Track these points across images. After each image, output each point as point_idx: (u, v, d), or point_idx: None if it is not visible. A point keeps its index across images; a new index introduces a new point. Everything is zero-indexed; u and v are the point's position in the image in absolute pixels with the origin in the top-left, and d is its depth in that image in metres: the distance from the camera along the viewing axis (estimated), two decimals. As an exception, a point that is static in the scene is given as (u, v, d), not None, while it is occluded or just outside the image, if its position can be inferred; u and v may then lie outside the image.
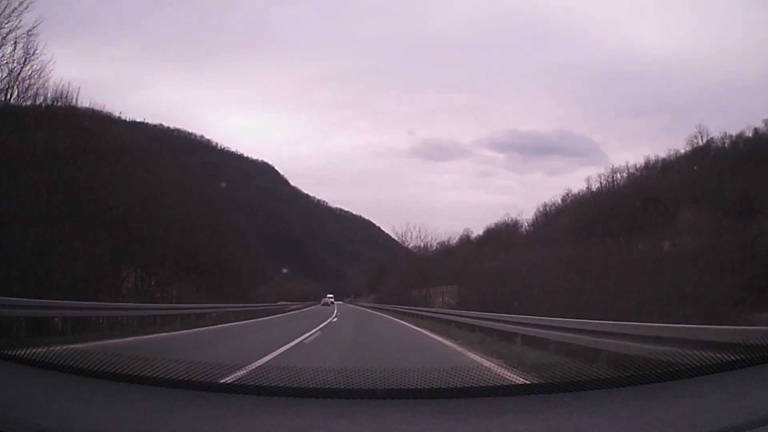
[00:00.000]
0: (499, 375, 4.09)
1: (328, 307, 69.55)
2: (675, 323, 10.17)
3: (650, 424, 2.31)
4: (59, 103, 26.58)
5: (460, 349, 13.64)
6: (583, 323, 10.97)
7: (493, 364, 9.23)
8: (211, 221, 43.67)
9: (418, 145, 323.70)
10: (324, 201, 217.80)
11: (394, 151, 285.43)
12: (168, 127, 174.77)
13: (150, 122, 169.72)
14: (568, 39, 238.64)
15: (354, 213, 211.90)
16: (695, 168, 59.04)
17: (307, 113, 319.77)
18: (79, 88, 28.26)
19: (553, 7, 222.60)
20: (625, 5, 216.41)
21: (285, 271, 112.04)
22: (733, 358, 2.74)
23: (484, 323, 19.44)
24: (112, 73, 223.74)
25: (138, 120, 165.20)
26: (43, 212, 22.02)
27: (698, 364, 2.78)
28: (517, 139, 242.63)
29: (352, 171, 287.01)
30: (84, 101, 29.68)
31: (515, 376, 3.76)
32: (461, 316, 24.60)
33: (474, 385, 2.94)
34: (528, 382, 3.04)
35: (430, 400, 2.76)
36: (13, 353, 3.12)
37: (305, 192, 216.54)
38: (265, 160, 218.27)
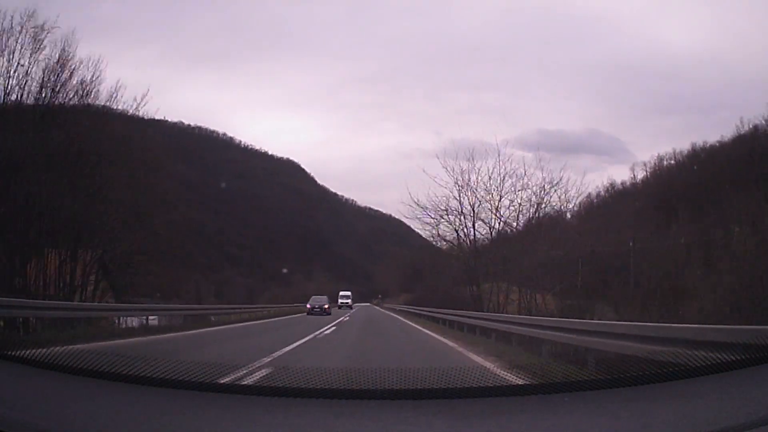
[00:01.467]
0: (498, 375, 4.07)
1: (325, 315, 42.19)
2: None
3: (650, 424, 2.31)
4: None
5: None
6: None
7: (492, 365, 9.00)
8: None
9: (446, 146, 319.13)
10: (353, 200, 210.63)
11: (422, 151, 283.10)
12: (188, 125, 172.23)
13: (169, 119, 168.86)
14: (595, 38, 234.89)
15: (384, 212, 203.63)
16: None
17: (334, 114, 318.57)
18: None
19: (580, 6, 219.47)
20: (651, 2, 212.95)
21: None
22: (733, 358, 2.72)
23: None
24: (137, 75, 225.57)
25: (157, 117, 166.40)
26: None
27: (698, 364, 2.78)
28: (546, 139, 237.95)
29: (380, 172, 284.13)
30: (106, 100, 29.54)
31: (515, 377, 3.73)
32: None
33: (474, 385, 2.94)
34: (528, 383, 3.03)
35: (430, 400, 2.76)
36: (13, 353, 3.15)
37: (333, 191, 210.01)
38: (292, 158, 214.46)
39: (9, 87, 24.39)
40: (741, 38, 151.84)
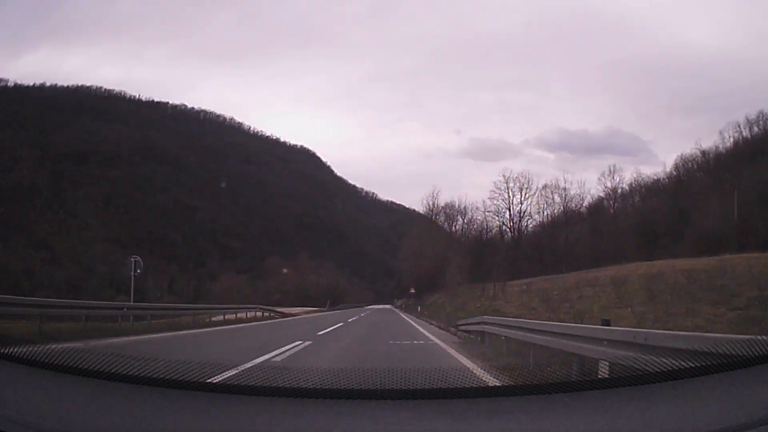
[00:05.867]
0: (498, 376, 4.06)
1: None
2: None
3: (650, 424, 2.31)
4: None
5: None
6: None
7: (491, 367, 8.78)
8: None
9: (467, 146, 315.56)
10: (373, 193, 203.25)
11: (443, 151, 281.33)
12: (192, 108, 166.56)
13: (171, 102, 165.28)
14: (617, 37, 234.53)
15: (407, 206, 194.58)
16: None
17: (356, 113, 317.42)
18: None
19: (603, 4, 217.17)
20: (674, 2, 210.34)
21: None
22: (734, 359, 2.72)
23: None
24: (159, 72, 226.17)
25: (156, 99, 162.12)
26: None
27: (698, 365, 2.77)
28: (567, 138, 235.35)
29: (402, 171, 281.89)
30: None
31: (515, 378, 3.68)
32: None
33: (474, 386, 2.94)
34: (528, 383, 3.03)
35: (430, 401, 2.76)
36: (13, 353, 3.16)
37: (352, 183, 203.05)
38: (306, 146, 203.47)
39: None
40: (764, 36, 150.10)
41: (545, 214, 65.86)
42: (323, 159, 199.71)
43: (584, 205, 67.63)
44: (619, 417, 2.44)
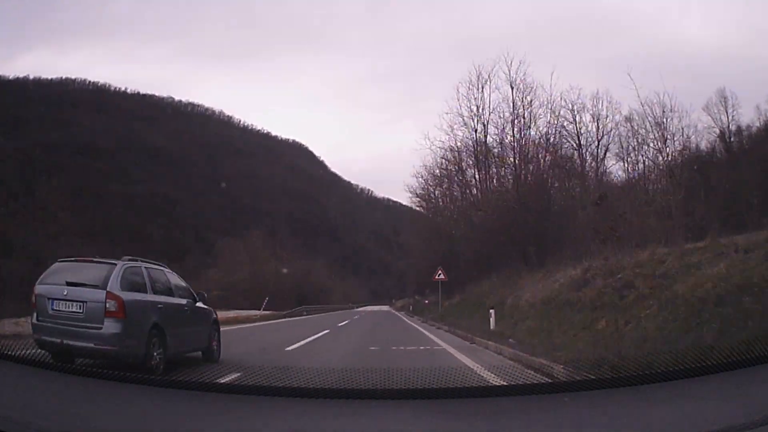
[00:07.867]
0: (497, 376, 4.06)
1: None
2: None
3: (650, 424, 2.31)
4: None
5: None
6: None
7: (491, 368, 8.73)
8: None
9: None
10: (369, 189, 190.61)
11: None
12: (179, 101, 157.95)
13: (158, 94, 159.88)
14: (616, 36, 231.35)
15: (404, 204, 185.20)
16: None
17: (351, 113, 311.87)
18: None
19: (602, 4, 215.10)
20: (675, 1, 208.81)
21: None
22: (733, 359, 2.73)
23: None
24: (148, 68, 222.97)
25: (143, 92, 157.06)
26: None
27: (698, 365, 2.77)
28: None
29: (398, 172, 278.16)
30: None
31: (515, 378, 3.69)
32: None
33: (474, 386, 2.94)
34: (528, 383, 3.03)
35: (430, 401, 2.76)
36: (13, 353, 3.13)
37: (346, 179, 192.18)
38: (298, 140, 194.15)
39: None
40: (764, 36, 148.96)
41: (636, 157, 37.62)
42: (316, 154, 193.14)
43: (692, 147, 44.26)
44: (619, 417, 2.44)
